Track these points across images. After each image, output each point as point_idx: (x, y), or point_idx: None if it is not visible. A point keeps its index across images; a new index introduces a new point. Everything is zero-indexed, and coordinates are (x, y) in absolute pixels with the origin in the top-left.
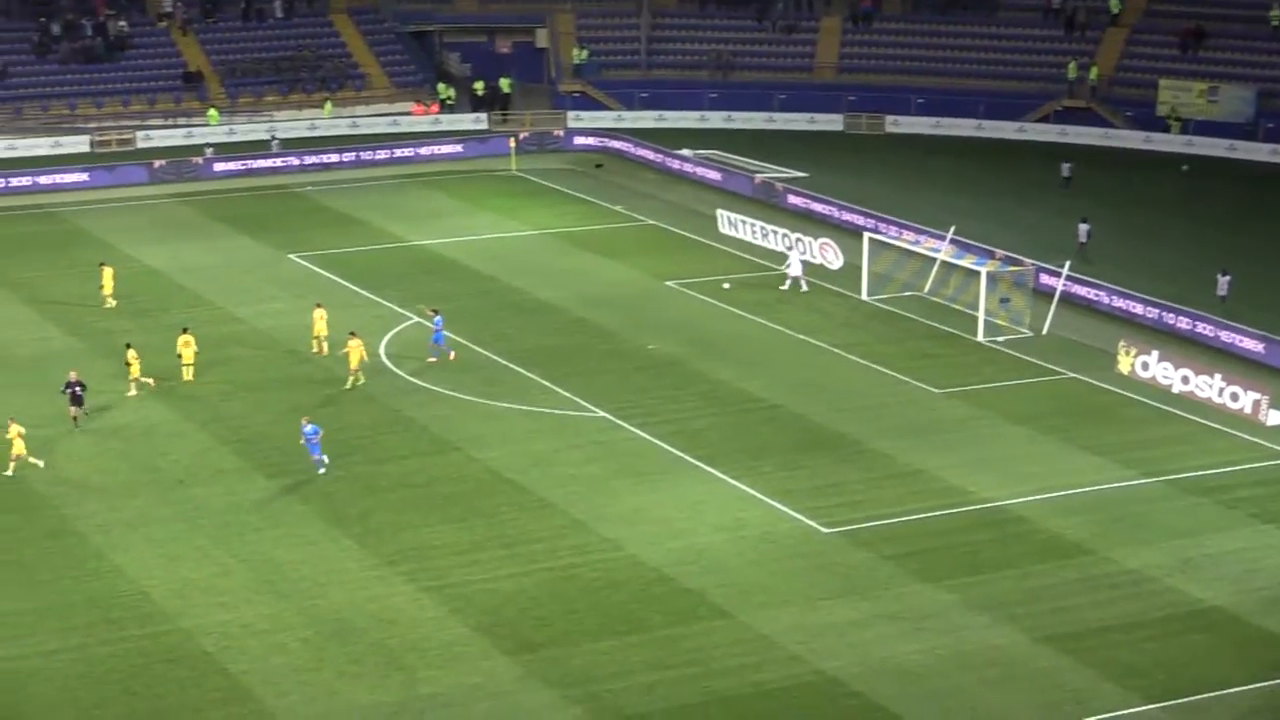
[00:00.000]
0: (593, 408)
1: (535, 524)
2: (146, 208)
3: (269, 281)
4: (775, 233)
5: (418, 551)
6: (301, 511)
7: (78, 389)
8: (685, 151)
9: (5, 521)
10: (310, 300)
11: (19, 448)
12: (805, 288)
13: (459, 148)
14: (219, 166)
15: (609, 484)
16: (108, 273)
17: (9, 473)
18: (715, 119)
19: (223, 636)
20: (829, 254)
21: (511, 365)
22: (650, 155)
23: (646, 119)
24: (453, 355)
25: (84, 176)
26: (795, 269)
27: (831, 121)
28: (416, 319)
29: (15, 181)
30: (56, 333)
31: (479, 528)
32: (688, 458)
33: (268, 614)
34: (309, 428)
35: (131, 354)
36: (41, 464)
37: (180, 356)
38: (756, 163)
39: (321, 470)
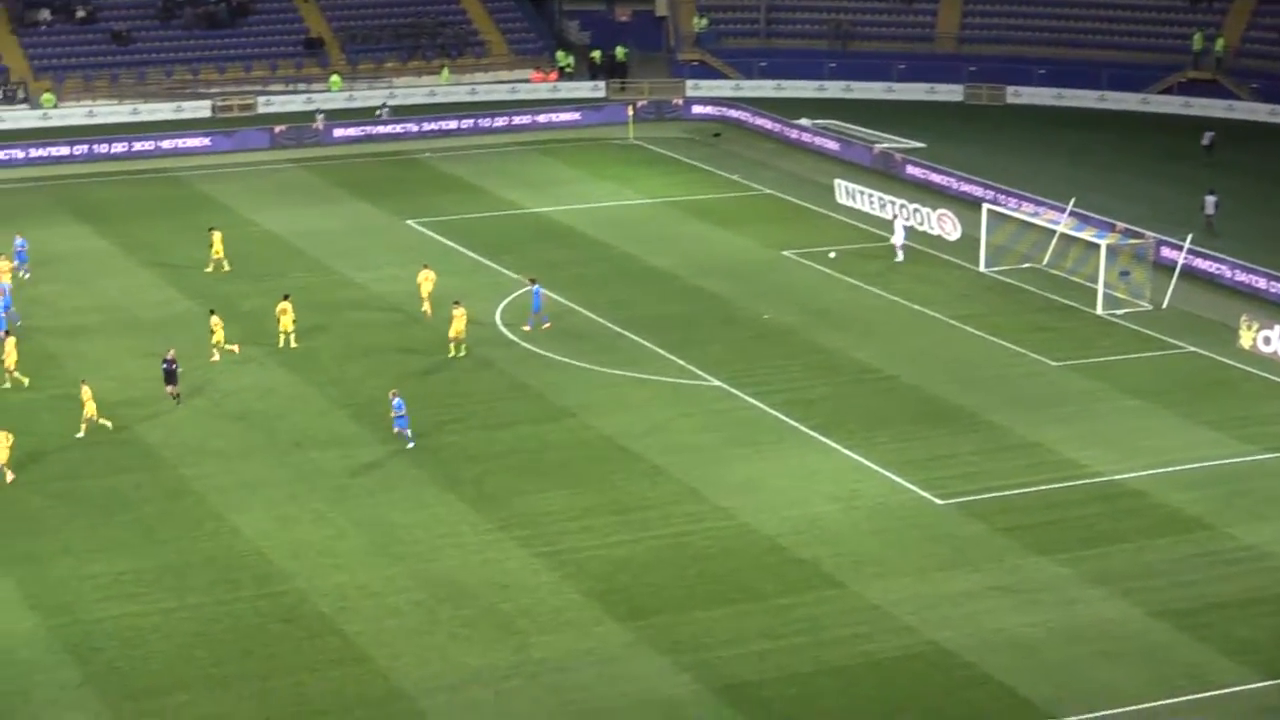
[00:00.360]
0: (707, 376)
1: (648, 491)
2: (267, 172)
3: (386, 247)
4: (893, 203)
5: (531, 517)
6: (416, 476)
7: (173, 366)
8: (803, 121)
9: (127, 481)
10: (435, 266)
11: (90, 410)
12: (901, 258)
13: (577, 115)
14: (339, 132)
15: (722, 452)
16: (217, 237)
17: (80, 434)
18: (834, 89)
19: (338, 598)
20: (947, 225)
21: (626, 333)
22: (768, 124)
23: (765, 88)
24: (547, 325)
25: (206, 141)
26: (898, 237)
27: (951, 92)
28: (535, 285)
29: (139, 146)
30: (178, 295)
31: (592, 494)
32: (802, 427)
33: (382, 576)
34: (396, 401)
35: (215, 320)
36: (110, 425)
37: (279, 323)
38: (875, 133)
39: (410, 445)
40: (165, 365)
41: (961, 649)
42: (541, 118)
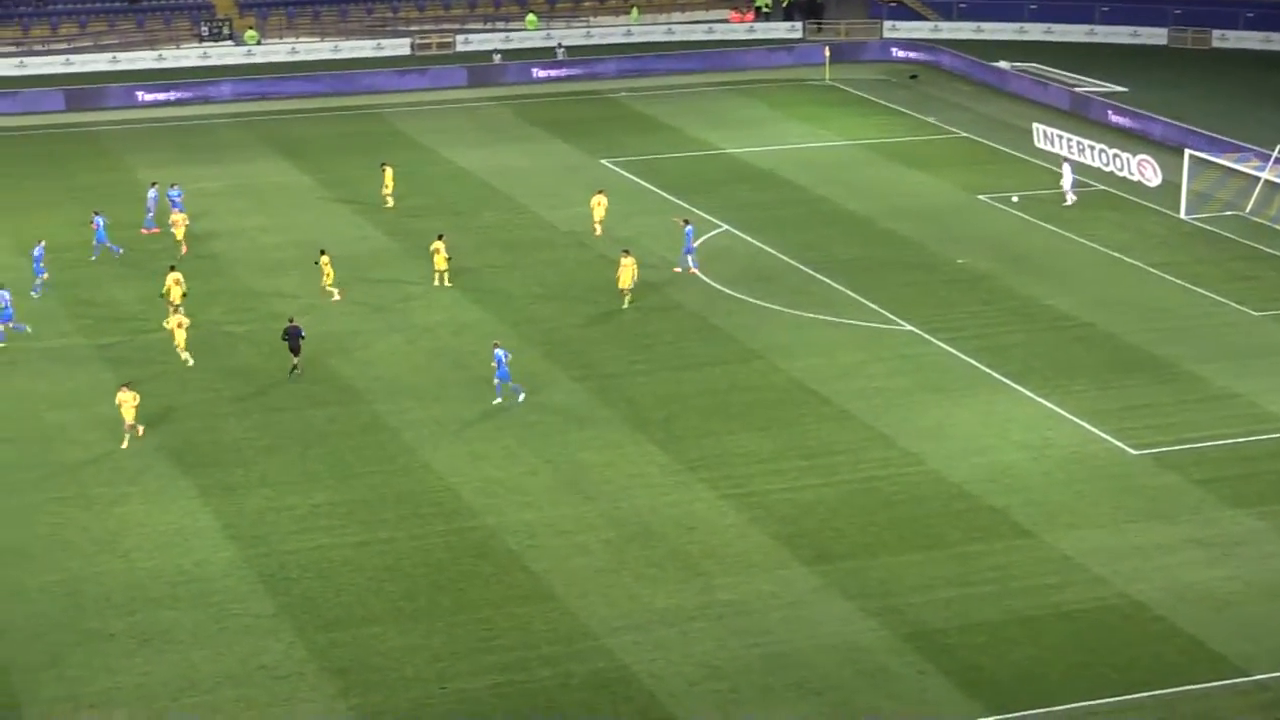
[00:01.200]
0: (899, 320)
1: (837, 435)
2: (464, 110)
3: (580, 185)
4: (1093, 148)
5: (719, 458)
6: (607, 415)
7: (299, 333)
8: (1002, 63)
9: (322, 415)
10: (626, 205)
11: (180, 339)
12: (1071, 201)
13: (773, 56)
14: (537, 71)
15: (913, 398)
16: (389, 173)
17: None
18: (1034, 31)
19: (527, 535)
20: (1147, 171)
21: (819, 275)
22: (966, 67)
23: (964, 30)
24: (694, 270)
25: (404, 78)
26: (1066, 180)
27: (1155, 35)
28: (728, 227)
29: (339, 83)
30: (375, 232)
31: (781, 437)
32: (995, 374)
33: (571, 515)
34: (498, 352)
35: (325, 260)
36: (191, 362)
37: (433, 262)
38: (1075, 76)
39: (521, 397)
40: (288, 335)
41: (1154, 602)
42: (738, 58)
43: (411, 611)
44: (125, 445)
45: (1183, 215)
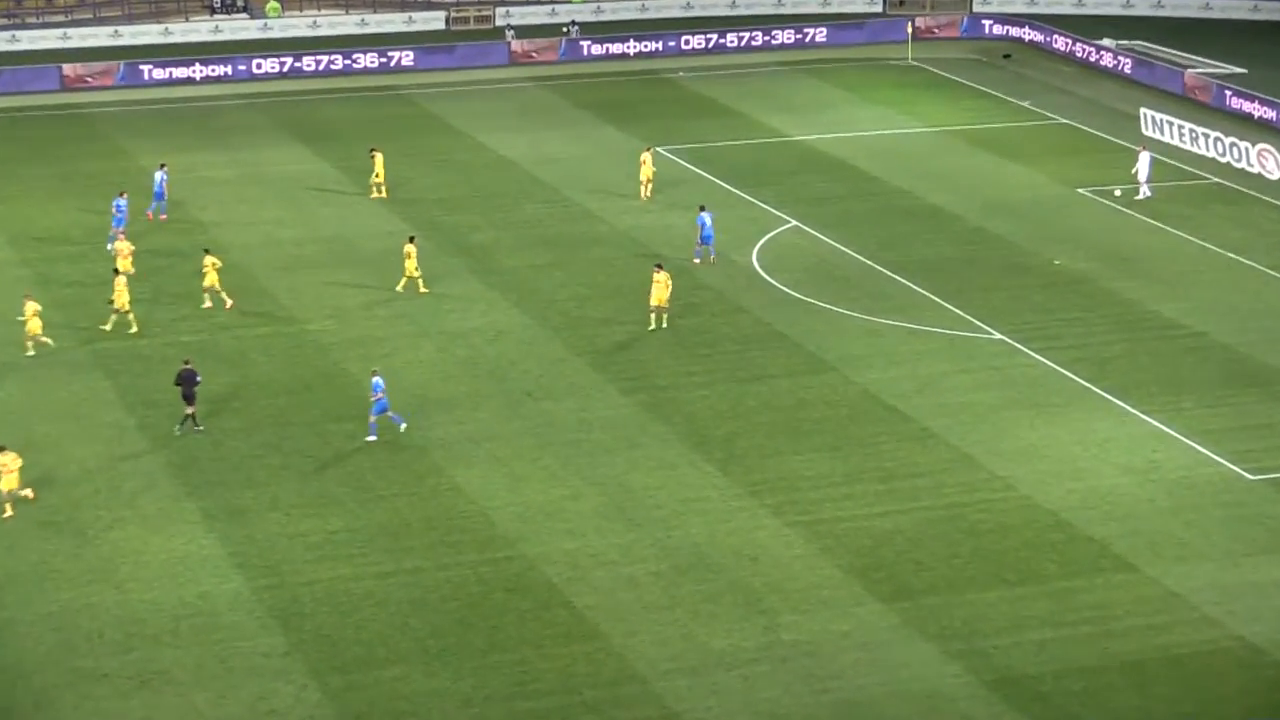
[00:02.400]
0: (988, 328)
1: (918, 456)
2: (504, 92)
3: (631, 176)
4: (1208, 136)
5: (785, 482)
6: (660, 432)
7: (194, 379)
8: (1107, 41)
9: (341, 430)
10: (683, 196)
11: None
12: (1146, 194)
13: (850, 32)
14: (585, 48)
15: (1003, 415)
16: (379, 159)
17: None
18: (1142, 5)
19: (569, 566)
20: (1269, 162)
21: (897, 277)
22: (1066, 45)
23: (1063, 4)
24: (713, 258)
25: (438, 56)
26: (1142, 170)
27: (1278, 10)
28: (796, 222)
29: (363, 60)
30: (404, 226)
31: (854, 458)
32: (1095, 389)
33: (618, 544)
34: (377, 380)
35: (209, 261)
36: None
37: (404, 267)
38: (1187, 55)
39: (403, 427)
40: (183, 376)
41: (1273, 646)
42: (810, 34)
43: (439, 651)
44: (8, 514)
45: None
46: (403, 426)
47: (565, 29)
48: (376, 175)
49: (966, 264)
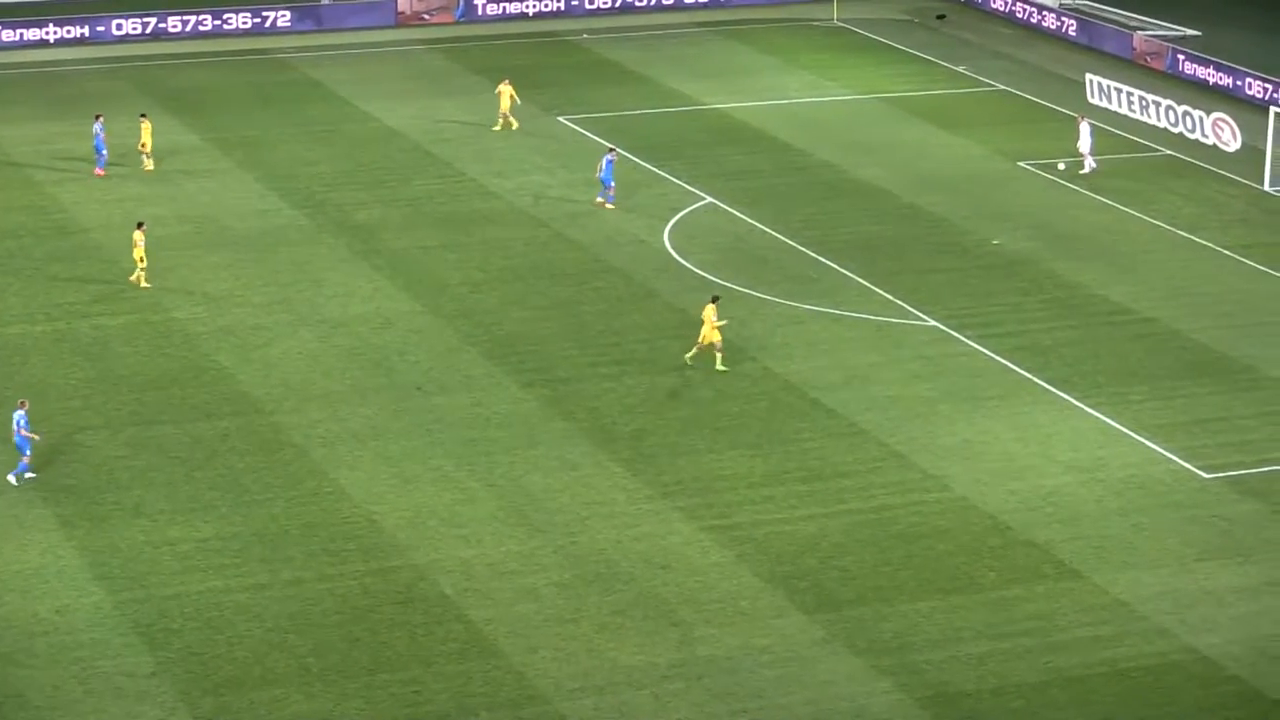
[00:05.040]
0: (921, 314)
1: (844, 454)
2: (391, 56)
3: (532, 149)
4: (1159, 104)
5: (700, 483)
6: (562, 429)
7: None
8: (1049, 1)
9: (212, 429)
10: (577, 172)
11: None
12: (1092, 167)
13: None
14: (480, 8)
15: (937, 409)
16: (146, 127)
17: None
18: None
19: (463, 576)
20: (1224, 132)
21: (822, 259)
22: (1005, 5)
23: None
24: (610, 204)
25: (318, 16)
26: (1084, 142)
27: None
28: (711, 199)
29: (235, 21)
30: (282, 205)
31: (775, 456)
32: (1036, 380)
33: (518, 552)
34: (19, 414)
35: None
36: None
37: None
38: (1137, 16)
39: (18, 479)
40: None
41: (1227, 657)
42: None
43: (321, 671)
44: None
45: (1267, 187)
46: (19, 478)
47: None
48: (144, 144)
49: (897, 244)
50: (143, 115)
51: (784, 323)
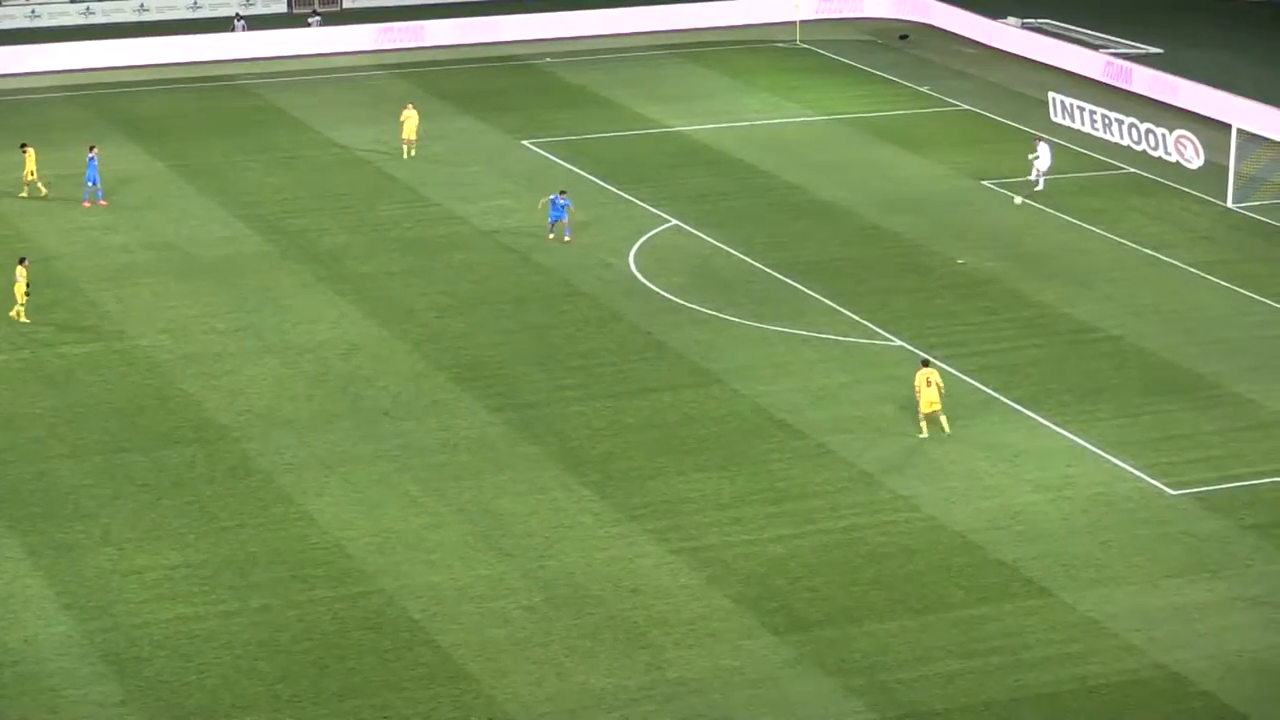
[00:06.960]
0: (887, 334)
1: (812, 475)
2: (354, 80)
3: (497, 173)
4: (1121, 122)
5: (668, 505)
6: (530, 453)
7: None
8: (1011, 20)
9: (179, 455)
10: (543, 196)
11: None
12: (1041, 186)
13: (730, 12)
14: (441, 34)
15: (905, 429)
16: (30, 156)
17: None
18: None
19: (432, 601)
20: (1186, 149)
21: (788, 280)
22: (968, 24)
23: None
24: (569, 238)
25: (280, 42)
26: (1042, 161)
27: None
28: (677, 221)
29: (199, 48)
30: (246, 231)
31: (743, 478)
32: (1003, 399)
33: (487, 576)
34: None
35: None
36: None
37: (15, 292)
38: (1100, 35)
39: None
40: None
41: (1197, 674)
42: (688, 13)
43: (290, 697)
44: None
45: (1230, 204)
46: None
47: (309, 19)
48: (30, 174)
49: (862, 265)
50: (23, 145)
51: (750, 344)
